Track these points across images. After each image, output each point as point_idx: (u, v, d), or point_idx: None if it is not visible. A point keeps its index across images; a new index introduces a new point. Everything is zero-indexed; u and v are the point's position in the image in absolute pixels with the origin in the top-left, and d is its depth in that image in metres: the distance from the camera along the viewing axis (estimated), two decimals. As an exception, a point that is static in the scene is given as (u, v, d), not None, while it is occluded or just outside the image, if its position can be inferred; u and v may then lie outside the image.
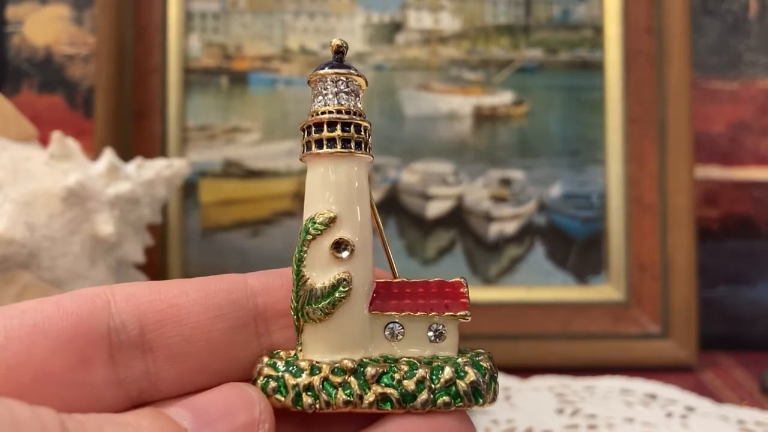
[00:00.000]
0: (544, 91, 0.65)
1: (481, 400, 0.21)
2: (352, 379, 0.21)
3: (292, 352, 0.23)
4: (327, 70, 0.23)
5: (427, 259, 0.64)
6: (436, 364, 0.22)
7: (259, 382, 0.22)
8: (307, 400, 0.21)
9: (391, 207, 0.65)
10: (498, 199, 0.64)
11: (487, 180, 0.64)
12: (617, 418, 0.47)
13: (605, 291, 0.63)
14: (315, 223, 0.22)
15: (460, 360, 0.22)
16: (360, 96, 0.24)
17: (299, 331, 0.23)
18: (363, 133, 0.23)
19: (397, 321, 0.23)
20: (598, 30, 0.65)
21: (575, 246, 0.64)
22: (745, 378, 0.57)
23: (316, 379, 0.21)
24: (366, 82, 0.24)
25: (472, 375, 0.21)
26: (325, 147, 0.23)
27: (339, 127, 0.23)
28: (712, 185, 0.68)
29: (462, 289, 0.23)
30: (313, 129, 0.23)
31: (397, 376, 0.21)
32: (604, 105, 0.64)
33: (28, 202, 0.42)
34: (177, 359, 0.22)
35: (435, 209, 0.65)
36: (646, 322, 0.60)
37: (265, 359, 0.23)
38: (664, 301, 0.60)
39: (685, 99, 0.60)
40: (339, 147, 0.23)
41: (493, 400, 0.22)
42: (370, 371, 0.21)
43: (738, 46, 0.68)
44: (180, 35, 0.64)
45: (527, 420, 0.47)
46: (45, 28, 0.70)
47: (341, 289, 0.22)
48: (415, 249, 0.64)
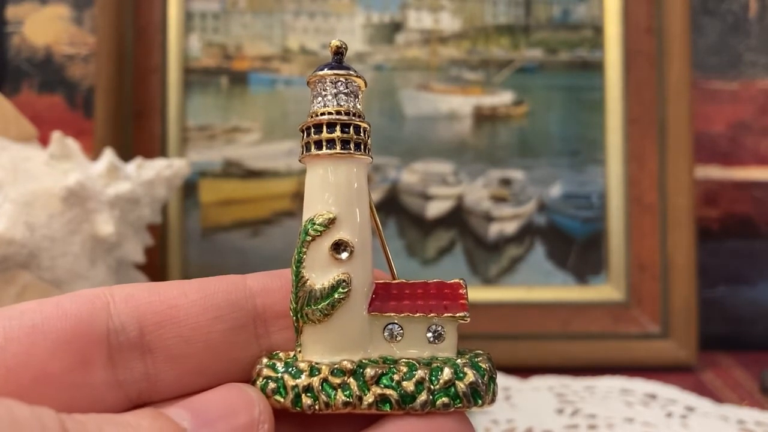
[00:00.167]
0: (544, 91, 0.65)
1: (480, 401, 0.21)
2: (352, 380, 0.21)
3: (292, 353, 0.23)
4: (326, 71, 0.23)
5: (427, 259, 0.64)
6: (435, 365, 0.22)
7: (259, 383, 0.22)
8: (306, 401, 0.21)
9: (391, 207, 0.65)
10: (498, 199, 0.64)
11: (487, 180, 0.64)
12: (617, 418, 0.47)
13: (605, 291, 0.63)
14: (314, 224, 0.22)
15: (459, 361, 0.22)
16: (359, 97, 0.24)
17: (298, 332, 0.23)
18: (362, 134, 0.23)
19: (396, 322, 0.23)
20: (598, 30, 0.65)
21: (575, 246, 0.64)
22: (745, 378, 0.57)
23: (316, 381, 0.21)
24: (365, 83, 0.24)
25: (471, 376, 0.21)
26: (324, 148, 0.23)
27: (338, 128, 0.23)
28: (712, 185, 0.68)
29: (461, 290, 0.23)
30: (312, 130, 0.23)
31: (396, 377, 0.21)
32: (604, 105, 0.64)
33: (28, 202, 0.42)
34: (176, 360, 0.22)
35: (435, 209, 0.65)
36: (646, 322, 0.60)
37: (264, 360, 0.23)
38: (664, 301, 0.60)
39: (685, 99, 0.60)
40: (338, 148, 0.23)
41: (492, 401, 0.22)
42: (370, 372, 0.21)
43: (738, 46, 0.68)
44: (180, 35, 0.64)
45: (527, 420, 0.47)
46: (45, 28, 0.70)
47: (340, 290, 0.22)
48: (415, 249, 0.64)
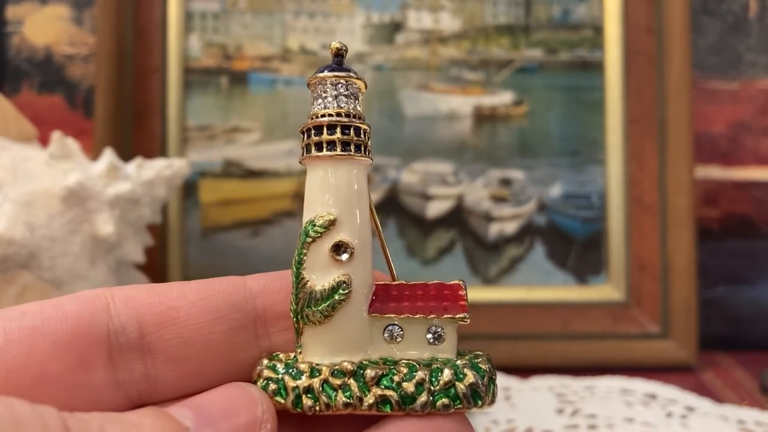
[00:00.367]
0: (544, 91, 0.65)
1: (480, 402, 0.21)
2: (352, 381, 0.21)
3: (292, 354, 0.23)
4: (326, 73, 0.23)
5: (427, 259, 0.64)
6: (435, 366, 0.22)
7: (259, 384, 0.22)
8: (307, 402, 0.21)
9: (391, 207, 0.65)
10: (498, 199, 0.64)
11: (487, 180, 0.64)
12: (617, 418, 0.47)
13: (605, 291, 0.63)
14: (315, 225, 0.22)
15: (459, 362, 0.22)
16: (359, 99, 0.24)
17: (299, 333, 0.23)
18: (362, 136, 0.23)
19: (396, 323, 0.23)
20: (598, 30, 0.65)
21: (575, 246, 0.64)
22: (745, 378, 0.57)
23: (316, 382, 0.21)
24: (365, 84, 0.24)
25: (471, 377, 0.21)
26: (324, 150, 0.23)
27: (339, 130, 0.23)
28: (712, 185, 0.68)
29: (461, 292, 0.24)
30: (312, 132, 0.23)
31: (396, 379, 0.21)
32: (604, 105, 0.64)
33: (28, 202, 0.42)
34: (176, 361, 0.22)
35: (435, 209, 0.65)
36: (646, 322, 0.60)
37: (264, 361, 0.23)
38: (664, 301, 0.60)
39: (685, 99, 0.60)
40: (339, 150, 0.23)
41: (492, 401, 0.22)
42: (370, 373, 0.21)
43: (738, 46, 0.68)
44: (180, 35, 0.64)
45: (527, 420, 0.47)
46: (45, 28, 0.69)
47: (341, 291, 0.22)
48: (415, 249, 0.64)
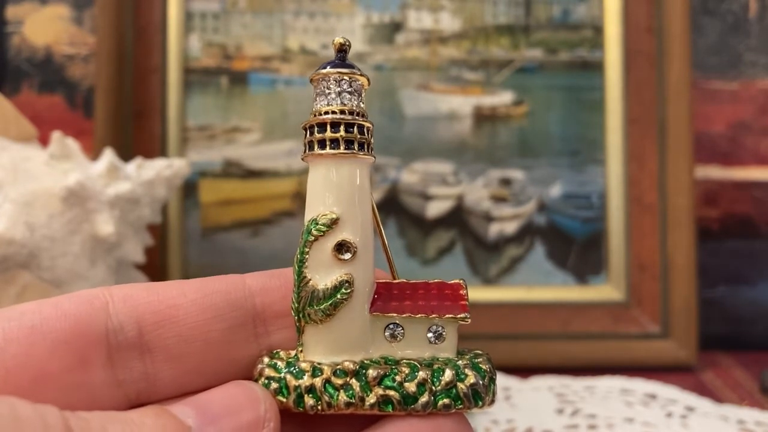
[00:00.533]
0: (544, 91, 0.65)
1: (480, 402, 0.21)
2: (354, 381, 0.21)
3: (293, 353, 0.23)
4: (330, 70, 0.23)
5: (427, 259, 0.64)
6: (436, 366, 0.22)
7: (261, 382, 0.22)
8: (309, 401, 0.21)
9: (391, 207, 0.65)
10: (498, 199, 0.64)
11: (487, 180, 0.64)
12: (617, 418, 0.47)
13: (605, 291, 0.63)
14: (317, 224, 0.22)
15: (460, 362, 0.22)
16: (363, 96, 0.24)
17: (300, 331, 0.23)
18: (366, 133, 0.23)
19: (397, 322, 0.23)
20: (598, 30, 0.65)
21: (575, 246, 0.64)
22: (745, 378, 0.57)
23: (318, 381, 0.21)
24: (368, 81, 0.24)
25: (472, 377, 0.21)
26: (327, 147, 0.22)
27: (342, 127, 0.22)
28: (712, 185, 0.68)
29: (461, 291, 0.23)
30: (315, 129, 0.23)
31: (398, 378, 0.21)
32: (604, 105, 0.64)
33: (28, 202, 0.42)
34: (175, 360, 0.22)
35: (435, 209, 0.64)
36: (646, 322, 0.60)
37: (265, 360, 0.23)
38: (664, 301, 0.60)
39: (685, 99, 0.60)
40: (342, 148, 0.22)
41: (492, 402, 0.22)
42: (372, 373, 0.21)
43: (738, 46, 0.68)
44: (180, 35, 0.64)
45: (527, 420, 0.47)
46: (45, 28, 0.69)
47: (343, 290, 0.22)
48: (415, 249, 0.64)
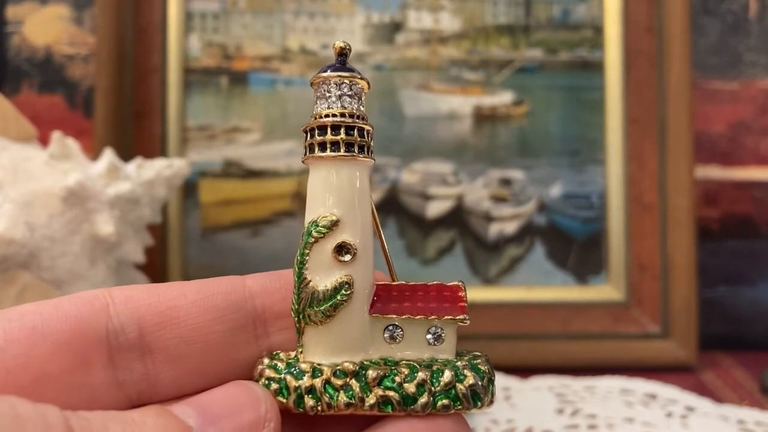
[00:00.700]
0: (544, 91, 0.65)
1: (479, 403, 0.22)
2: (354, 381, 0.21)
3: (292, 353, 0.23)
4: (330, 73, 0.23)
5: (427, 259, 0.64)
6: (436, 367, 0.22)
7: (261, 383, 0.22)
8: (309, 402, 0.21)
9: (391, 207, 0.65)
10: (498, 199, 0.64)
11: (487, 180, 0.64)
12: (617, 418, 0.47)
13: (605, 291, 0.63)
14: (318, 225, 0.22)
15: (459, 363, 0.22)
16: (363, 99, 0.24)
17: (300, 332, 0.23)
18: (366, 137, 0.23)
19: (396, 324, 0.23)
20: (598, 30, 0.65)
21: (575, 246, 0.64)
22: (745, 378, 0.57)
23: (318, 382, 0.21)
24: (368, 84, 0.24)
25: (471, 378, 0.22)
26: (328, 150, 0.23)
27: (343, 131, 0.23)
28: (712, 185, 0.68)
29: (460, 293, 0.24)
30: (316, 132, 0.23)
31: (398, 379, 0.21)
32: (604, 105, 0.64)
33: (28, 202, 0.42)
34: (176, 361, 0.22)
35: (435, 209, 0.65)
36: (646, 322, 0.60)
37: (265, 361, 0.23)
38: (664, 301, 0.60)
39: (685, 99, 0.60)
40: (342, 151, 0.23)
41: (491, 402, 0.22)
42: (372, 374, 0.21)
43: (738, 46, 0.68)
44: (180, 35, 0.64)
45: (527, 420, 0.47)
46: (45, 28, 0.69)
47: (343, 292, 0.22)
48: (415, 249, 0.64)
